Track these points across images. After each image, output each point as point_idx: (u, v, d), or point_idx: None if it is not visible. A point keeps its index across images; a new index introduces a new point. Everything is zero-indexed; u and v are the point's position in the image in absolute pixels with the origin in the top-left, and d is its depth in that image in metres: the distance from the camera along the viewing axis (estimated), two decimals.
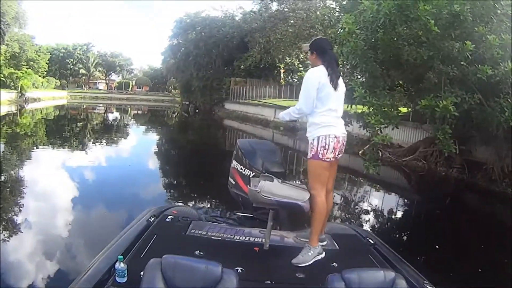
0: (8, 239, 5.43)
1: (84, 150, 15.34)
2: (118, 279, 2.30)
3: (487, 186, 9.93)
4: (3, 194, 7.75)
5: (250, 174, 3.17)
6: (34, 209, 6.96)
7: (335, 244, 3.31)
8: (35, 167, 10.82)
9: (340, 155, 3.13)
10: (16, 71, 40.20)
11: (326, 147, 3.00)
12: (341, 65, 9.03)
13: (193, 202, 8.12)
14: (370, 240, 3.42)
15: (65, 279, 4.02)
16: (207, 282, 1.87)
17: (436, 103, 6.98)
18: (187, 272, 1.89)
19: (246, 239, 3.27)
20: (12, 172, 10.00)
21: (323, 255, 3.00)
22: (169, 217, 3.53)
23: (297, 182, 8.95)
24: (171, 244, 2.93)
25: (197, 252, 2.83)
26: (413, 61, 7.78)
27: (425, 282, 2.61)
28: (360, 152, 11.88)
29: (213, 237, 3.24)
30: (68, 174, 10.19)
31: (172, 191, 9.42)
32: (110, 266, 2.44)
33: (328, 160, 3.04)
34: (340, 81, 3.14)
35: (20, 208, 6.92)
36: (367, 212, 8.08)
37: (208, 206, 7.81)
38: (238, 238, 3.28)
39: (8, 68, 39.98)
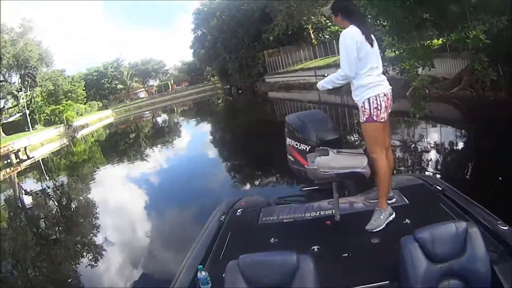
0: (100, 248, 6.47)
1: (144, 158, 16.18)
2: (203, 287, 2.40)
3: None
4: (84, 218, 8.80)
5: (306, 148, 3.04)
6: (116, 224, 7.75)
7: (404, 198, 3.24)
8: (102, 187, 11.64)
9: (389, 111, 3.02)
10: (57, 106, 42.01)
11: (379, 107, 2.90)
12: None
13: (258, 183, 8.58)
14: (438, 187, 3.30)
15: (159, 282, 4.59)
16: (284, 272, 1.92)
17: (465, 34, 6.96)
18: (265, 267, 1.94)
19: (317, 214, 3.26)
20: (82, 197, 10.94)
21: (394, 215, 2.94)
22: (238, 210, 3.55)
23: (355, 143, 8.92)
24: (245, 238, 2.99)
25: (272, 240, 2.87)
26: None
27: (499, 222, 2.52)
28: (407, 93, 11.49)
29: (284, 220, 3.25)
30: (137, 184, 10.96)
31: (237, 175, 9.97)
32: (193, 276, 2.52)
33: (383, 120, 2.95)
34: (373, 36, 3.01)
35: (99, 225, 7.86)
36: (427, 152, 7.98)
37: (274, 185, 8.05)
38: (308, 215, 3.27)
39: (49, 106, 41.90)
